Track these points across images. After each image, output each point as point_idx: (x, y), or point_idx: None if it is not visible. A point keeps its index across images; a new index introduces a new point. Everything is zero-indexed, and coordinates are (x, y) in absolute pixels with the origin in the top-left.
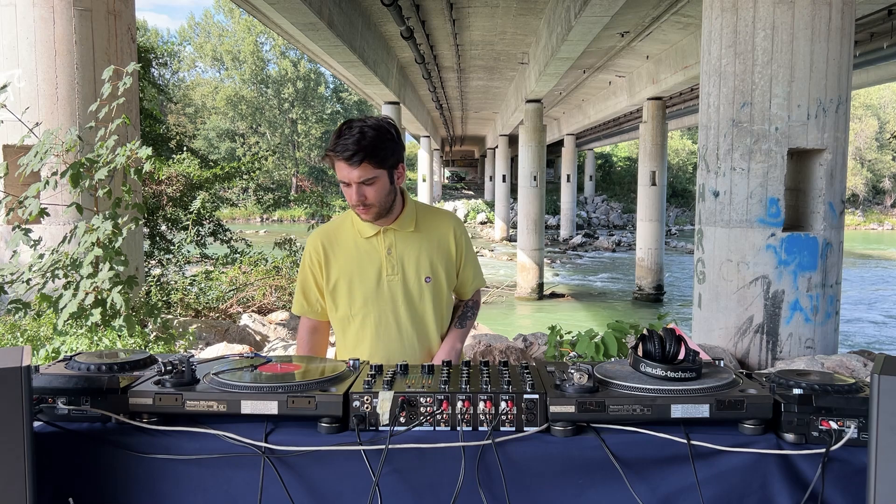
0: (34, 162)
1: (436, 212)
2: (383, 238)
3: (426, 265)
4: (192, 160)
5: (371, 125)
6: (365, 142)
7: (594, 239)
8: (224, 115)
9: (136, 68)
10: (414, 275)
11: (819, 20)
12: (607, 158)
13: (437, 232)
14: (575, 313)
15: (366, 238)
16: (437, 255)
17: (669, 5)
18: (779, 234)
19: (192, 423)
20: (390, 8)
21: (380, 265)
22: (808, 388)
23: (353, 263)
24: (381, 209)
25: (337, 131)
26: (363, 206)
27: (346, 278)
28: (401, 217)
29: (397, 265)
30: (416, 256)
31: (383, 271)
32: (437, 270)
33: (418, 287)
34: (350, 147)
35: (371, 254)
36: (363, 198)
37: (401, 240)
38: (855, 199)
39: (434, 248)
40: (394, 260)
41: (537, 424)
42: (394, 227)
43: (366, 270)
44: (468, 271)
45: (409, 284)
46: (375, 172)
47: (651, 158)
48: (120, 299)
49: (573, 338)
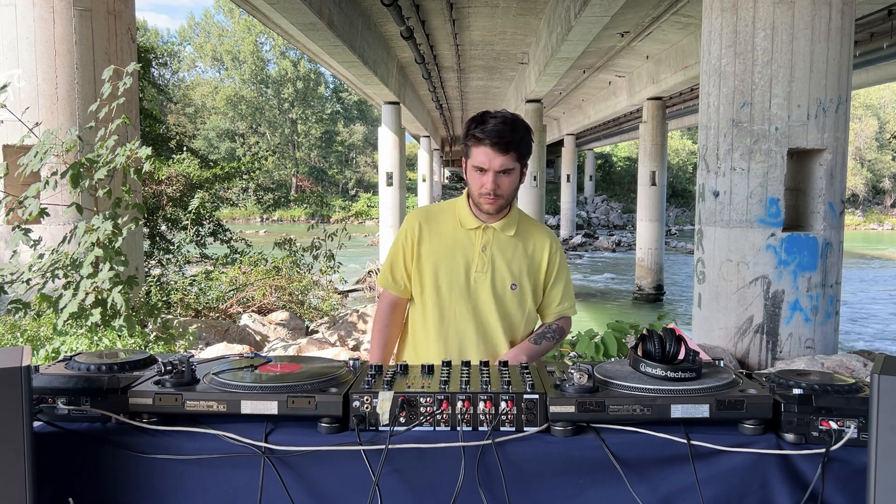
0: (34, 162)
1: (538, 225)
2: (481, 234)
3: (516, 272)
4: (192, 160)
5: (516, 117)
6: (517, 133)
7: (594, 239)
8: (224, 115)
9: (136, 68)
10: (501, 278)
11: (819, 20)
12: (607, 158)
13: (533, 243)
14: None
15: (465, 229)
16: (527, 265)
17: (669, 5)
18: (779, 234)
19: (192, 423)
20: (390, 8)
21: (471, 259)
22: (808, 388)
23: (446, 250)
24: (506, 202)
25: (478, 118)
26: (494, 196)
27: (435, 263)
28: (506, 218)
29: (488, 264)
30: (509, 261)
31: (472, 266)
32: (523, 280)
33: (504, 291)
34: (505, 133)
35: (466, 246)
36: (497, 187)
37: (497, 241)
38: (855, 199)
39: (528, 258)
40: (486, 258)
41: (537, 424)
42: (495, 226)
43: (456, 260)
44: (555, 292)
45: (495, 286)
46: (515, 164)
47: (651, 158)
48: (120, 299)
49: (573, 338)
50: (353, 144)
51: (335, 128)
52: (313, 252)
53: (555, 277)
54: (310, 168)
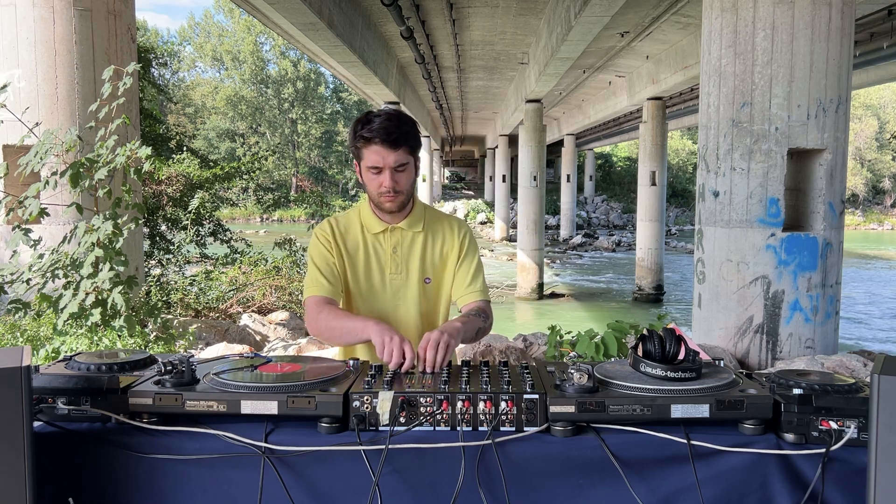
0: (34, 162)
1: (445, 216)
2: (390, 236)
3: (429, 266)
4: (192, 160)
5: (400, 112)
6: (404, 127)
7: (594, 239)
8: (224, 115)
9: (136, 68)
10: (416, 276)
11: (819, 20)
12: (607, 158)
13: (442, 234)
14: (575, 313)
15: (373, 234)
16: (440, 257)
17: (669, 5)
18: (779, 234)
19: (192, 423)
20: (390, 8)
21: (384, 263)
22: (808, 388)
23: (360, 257)
24: (406, 198)
25: (363, 119)
26: (393, 193)
27: (351, 269)
28: (410, 216)
29: (402, 264)
30: (420, 257)
31: (387, 269)
32: (438, 272)
33: (419, 288)
34: (392, 130)
35: (377, 250)
36: (395, 183)
37: (407, 240)
38: (855, 199)
39: (438, 249)
40: (398, 259)
41: (537, 424)
42: (402, 225)
43: (371, 266)
44: (462, 272)
45: (411, 284)
46: (408, 158)
47: (651, 158)
48: (120, 299)
49: (573, 338)
50: None
51: (335, 128)
52: None
53: (462, 259)
54: (310, 168)
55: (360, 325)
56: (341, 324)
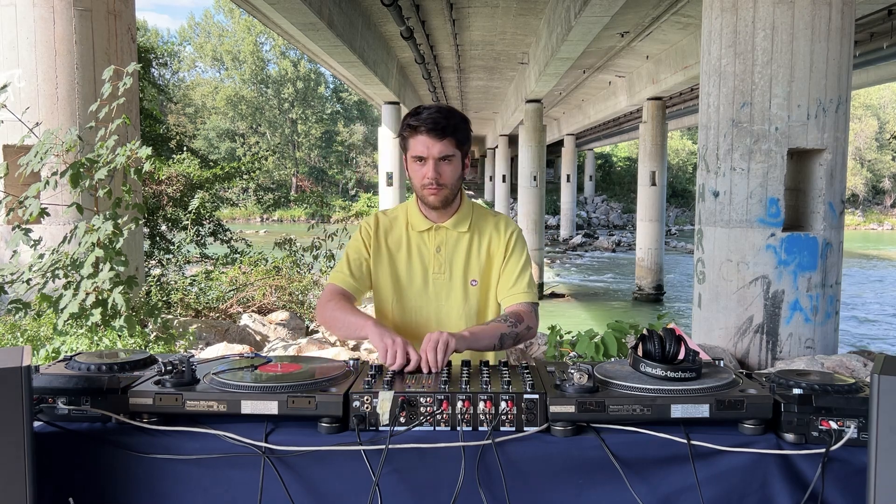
0: (34, 162)
1: (493, 214)
2: (434, 235)
3: (475, 268)
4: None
5: (451, 107)
6: (453, 118)
7: (594, 239)
8: (224, 115)
9: (137, 68)
10: (461, 276)
11: (819, 20)
12: (607, 158)
13: (489, 234)
14: (575, 313)
15: (418, 232)
16: (486, 258)
17: (669, 5)
18: (779, 234)
19: (192, 423)
20: (390, 8)
21: (427, 262)
22: (808, 388)
23: (402, 254)
24: (451, 193)
25: (413, 110)
26: (436, 186)
27: (393, 267)
28: (456, 215)
29: (445, 264)
30: (465, 258)
31: (430, 269)
32: (484, 275)
33: (463, 289)
34: (439, 120)
35: (421, 248)
36: (439, 175)
37: (452, 240)
38: (855, 199)
39: (485, 251)
40: (442, 259)
41: (537, 424)
42: (447, 224)
43: (413, 264)
44: (507, 272)
45: (454, 285)
46: (455, 151)
47: (651, 158)
48: (120, 299)
49: (573, 338)
50: (353, 144)
51: (335, 128)
52: (313, 252)
53: (507, 259)
54: (310, 168)
55: (361, 322)
56: (344, 316)
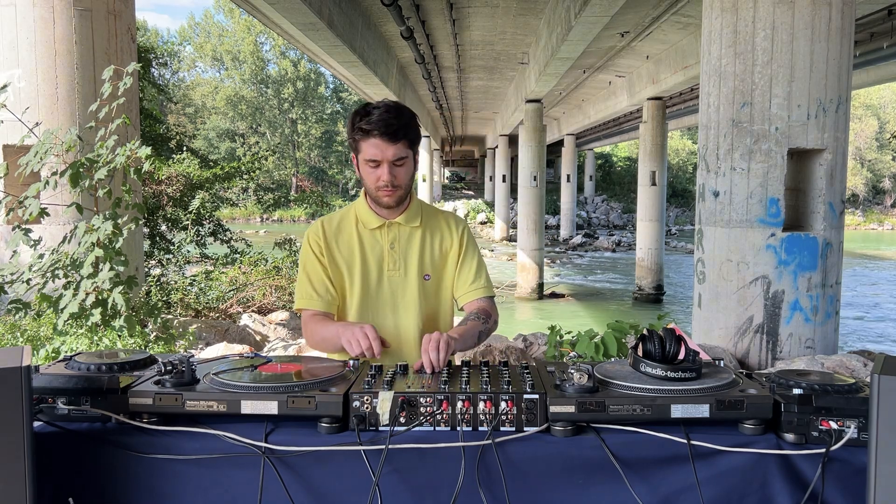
0: (34, 162)
1: (442, 212)
2: (387, 231)
3: (428, 263)
4: (192, 160)
5: (399, 104)
6: (403, 119)
7: (594, 239)
8: (224, 115)
9: (136, 68)
10: (415, 272)
11: (819, 20)
12: (607, 158)
13: (440, 230)
14: (575, 313)
15: (370, 230)
16: (439, 253)
17: (669, 5)
18: (779, 234)
19: (192, 423)
20: (390, 8)
21: (381, 259)
22: (808, 388)
23: (355, 254)
24: (405, 193)
25: (361, 111)
26: (391, 188)
27: (347, 269)
28: (407, 211)
29: (399, 260)
30: (419, 253)
31: (385, 265)
32: (437, 269)
33: (418, 285)
34: (392, 122)
35: (374, 246)
36: (394, 178)
37: (404, 235)
38: (855, 199)
39: (437, 246)
40: (396, 255)
41: (537, 424)
42: (399, 220)
43: (367, 263)
44: (465, 270)
45: (409, 281)
46: (407, 152)
47: (651, 158)
48: (120, 299)
49: (573, 338)
50: None
51: (335, 128)
52: None
53: (463, 257)
54: (310, 168)
55: (333, 330)
56: (323, 335)
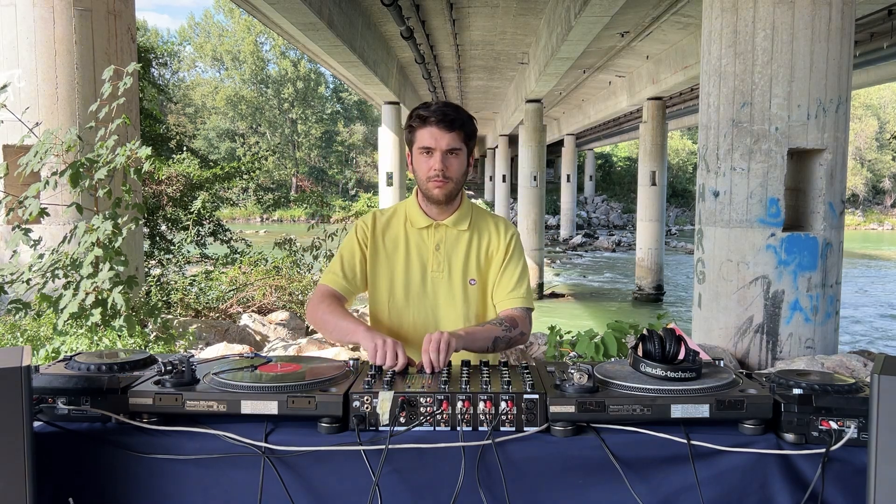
0: (34, 162)
1: (493, 216)
2: (434, 232)
3: (473, 267)
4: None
5: (457, 104)
6: (461, 113)
7: (594, 239)
8: (224, 115)
9: (136, 68)
10: (460, 275)
11: (819, 20)
12: (607, 158)
13: (488, 235)
14: (575, 313)
15: (417, 229)
16: (485, 258)
17: (669, 5)
18: (779, 234)
19: (192, 423)
20: (390, 8)
21: (426, 259)
22: (808, 388)
23: (400, 252)
24: (455, 188)
25: (421, 105)
26: (443, 178)
27: (390, 265)
28: (457, 213)
29: (444, 262)
30: (465, 257)
31: (429, 266)
32: (483, 274)
33: (462, 288)
34: (448, 112)
35: (419, 246)
36: (446, 168)
37: (451, 237)
38: (855, 199)
39: (483, 251)
40: (441, 256)
41: (537, 424)
42: (447, 222)
43: (411, 262)
44: (506, 277)
45: (454, 284)
46: (462, 145)
47: (651, 158)
48: (120, 299)
49: (573, 338)
50: (353, 144)
51: (335, 128)
52: (313, 252)
53: (506, 263)
54: (310, 168)
55: (352, 327)
56: (335, 320)
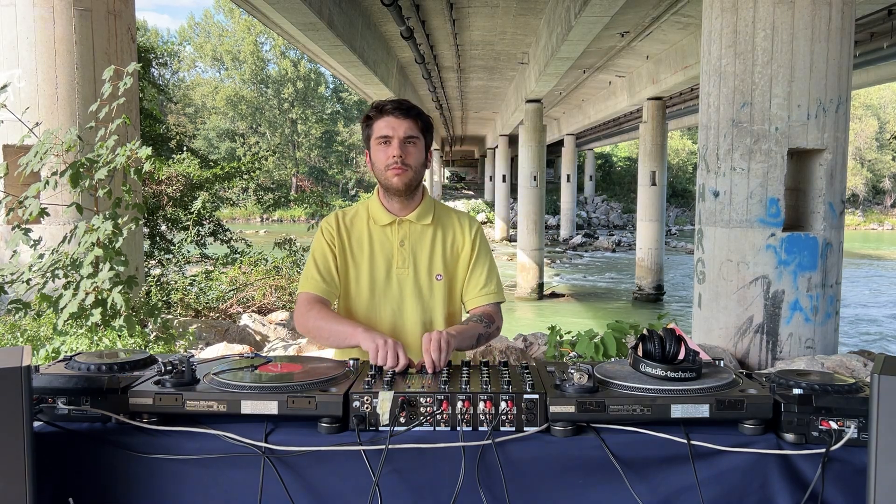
0: (34, 162)
1: (456, 212)
2: (397, 228)
3: (439, 262)
4: (192, 160)
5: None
6: (416, 108)
7: (594, 239)
8: (224, 115)
9: (136, 68)
10: (426, 270)
11: (819, 20)
12: (607, 158)
13: (453, 230)
14: (575, 313)
15: (380, 226)
16: (451, 253)
17: (669, 5)
18: (779, 234)
19: (192, 423)
20: (390, 8)
21: (391, 256)
22: (808, 388)
23: (364, 250)
24: (415, 177)
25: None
26: (401, 165)
27: (355, 264)
28: (419, 208)
29: (409, 258)
30: (430, 252)
31: (394, 263)
32: (449, 269)
33: (429, 283)
34: (404, 103)
35: (383, 243)
36: (405, 155)
37: (415, 233)
38: (855, 199)
39: (448, 246)
40: (405, 252)
41: (537, 424)
42: (410, 218)
43: (375, 260)
44: (477, 274)
45: (419, 279)
46: (419, 134)
47: (651, 158)
48: (120, 299)
49: (573, 338)
50: (353, 144)
51: (335, 128)
52: None
53: (475, 260)
54: (310, 168)
55: (350, 329)
56: (329, 325)
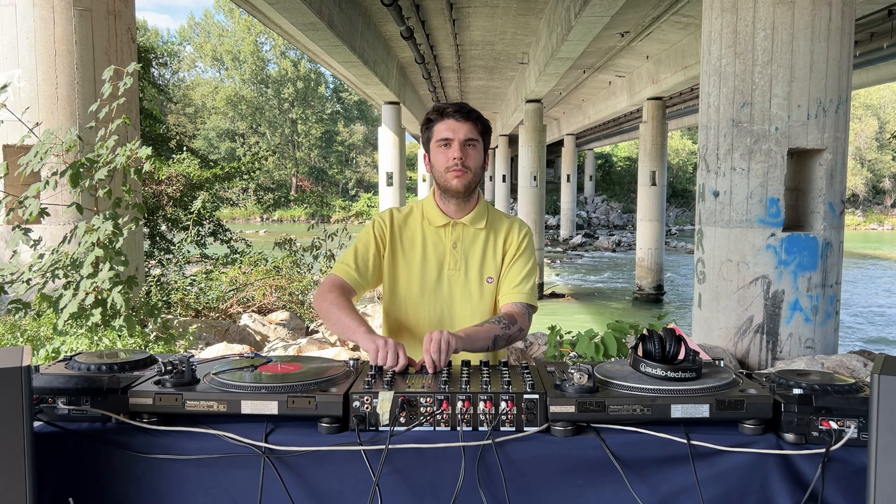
0: (34, 162)
1: (508, 217)
2: (451, 230)
3: (490, 265)
4: (192, 160)
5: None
6: (476, 112)
7: (594, 239)
8: (224, 115)
9: (136, 68)
10: (476, 273)
11: (819, 20)
12: (607, 158)
13: (504, 233)
14: (575, 313)
15: (434, 227)
16: (501, 257)
17: (669, 5)
18: (779, 234)
19: (192, 423)
20: (390, 8)
21: (443, 258)
22: (808, 388)
23: (417, 250)
24: (474, 180)
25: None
26: (462, 168)
27: (407, 263)
28: (474, 211)
29: (461, 260)
30: (482, 255)
31: (445, 264)
32: (500, 272)
33: (479, 286)
34: (465, 107)
35: (437, 244)
36: (465, 157)
37: (468, 236)
38: (855, 199)
39: (500, 249)
40: (458, 255)
41: (537, 424)
42: (464, 221)
43: (428, 260)
44: (513, 271)
45: (470, 282)
46: (478, 137)
47: (651, 158)
48: (120, 299)
49: (573, 338)
50: (353, 144)
51: (335, 128)
52: (313, 252)
53: (516, 259)
54: (310, 168)
55: (353, 325)
56: (339, 313)
